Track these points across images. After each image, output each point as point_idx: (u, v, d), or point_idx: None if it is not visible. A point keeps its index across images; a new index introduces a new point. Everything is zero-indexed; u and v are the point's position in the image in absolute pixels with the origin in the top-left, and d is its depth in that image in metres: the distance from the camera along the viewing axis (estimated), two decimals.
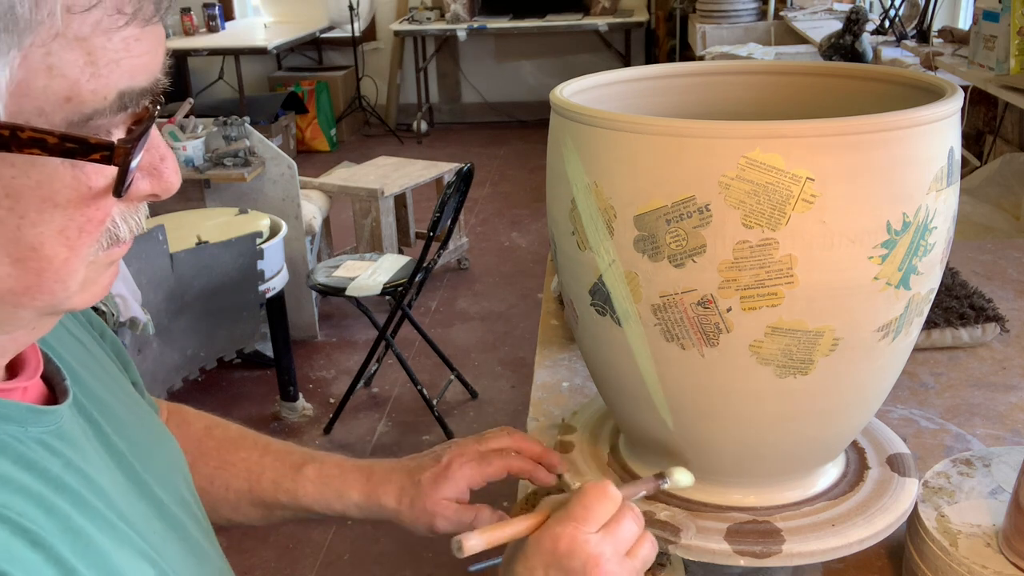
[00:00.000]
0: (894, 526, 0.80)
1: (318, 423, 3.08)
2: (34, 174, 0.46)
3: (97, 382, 0.66)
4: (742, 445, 0.78)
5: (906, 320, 0.74)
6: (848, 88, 0.87)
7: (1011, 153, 2.58)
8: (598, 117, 0.73)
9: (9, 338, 0.53)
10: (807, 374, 0.72)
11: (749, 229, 0.67)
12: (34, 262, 0.48)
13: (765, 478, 0.82)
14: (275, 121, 5.93)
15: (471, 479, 0.85)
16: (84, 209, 0.49)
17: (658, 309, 0.73)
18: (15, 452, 0.51)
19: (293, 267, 3.23)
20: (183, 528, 0.65)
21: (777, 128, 0.66)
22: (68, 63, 0.45)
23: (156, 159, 0.52)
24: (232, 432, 0.89)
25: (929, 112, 0.69)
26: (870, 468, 0.86)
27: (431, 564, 2.43)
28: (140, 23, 0.47)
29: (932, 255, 0.73)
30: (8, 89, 0.44)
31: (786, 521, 0.79)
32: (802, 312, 0.70)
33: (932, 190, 0.70)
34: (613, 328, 0.77)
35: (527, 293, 4.02)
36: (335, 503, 0.85)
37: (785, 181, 0.66)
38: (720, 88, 0.92)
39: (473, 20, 6.58)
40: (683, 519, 0.80)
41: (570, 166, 0.76)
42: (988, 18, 2.36)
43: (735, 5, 5.00)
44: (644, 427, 0.83)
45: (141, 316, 2.23)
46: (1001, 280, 1.50)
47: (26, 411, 0.54)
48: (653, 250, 0.71)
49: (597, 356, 0.83)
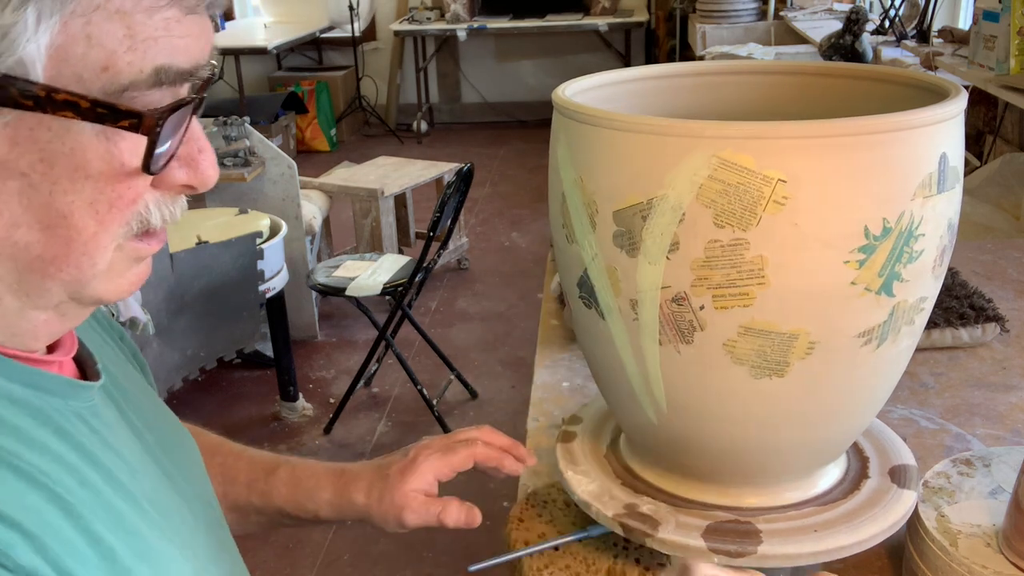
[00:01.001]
0: (879, 537, 0.78)
1: (318, 423, 3.08)
2: (69, 140, 0.48)
3: (124, 378, 0.67)
4: (723, 444, 0.79)
5: (892, 328, 0.73)
6: (848, 88, 0.87)
7: (1011, 153, 2.58)
8: (582, 113, 0.74)
9: (42, 318, 0.54)
10: (783, 376, 0.72)
11: (720, 228, 0.68)
12: (63, 230, 0.50)
13: (752, 479, 0.82)
14: (275, 121, 5.93)
15: (438, 470, 0.86)
16: (115, 184, 0.50)
17: (636, 304, 0.74)
18: (55, 423, 0.52)
19: (293, 267, 3.23)
20: (210, 522, 0.67)
21: (749, 129, 0.66)
22: (107, 33, 0.47)
23: (194, 150, 0.54)
24: (212, 440, 0.90)
25: (913, 117, 0.68)
26: (869, 478, 0.85)
27: (431, 564, 2.43)
28: (182, 9, 0.49)
29: (920, 263, 0.71)
30: (47, 52, 0.46)
31: (769, 523, 0.79)
32: (775, 313, 0.69)
33: (918, 196, 0.69)
34: (599, 321, 0.78)
35: (527, 293, 4.02)
36: (307, 503, 0.86)
37: (756, 182, 0.66)
38: (720, 88, 0.92)
39: (473, 20, 6.58)
40: (665, 513, 0.81)
41: (561, 161, 0.78)
42: (988, 18, 2.36)
43: (735, 5, 5.00)
44: (632, 420, 0.84)
45: (141, 316, 2.24)
46: (1001, 280, 1.50)
47: (66, 384, 0.55)
48: (630, 246, 0.72)
49: (587, 348, 0.85)
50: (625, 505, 0.83)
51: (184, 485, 0.66)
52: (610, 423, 0.95)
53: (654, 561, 0.84)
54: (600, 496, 0.84)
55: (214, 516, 0.70)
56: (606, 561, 0.85)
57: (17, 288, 0.51)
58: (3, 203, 0.48)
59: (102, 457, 0.54)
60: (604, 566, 0.84)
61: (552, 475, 1.00)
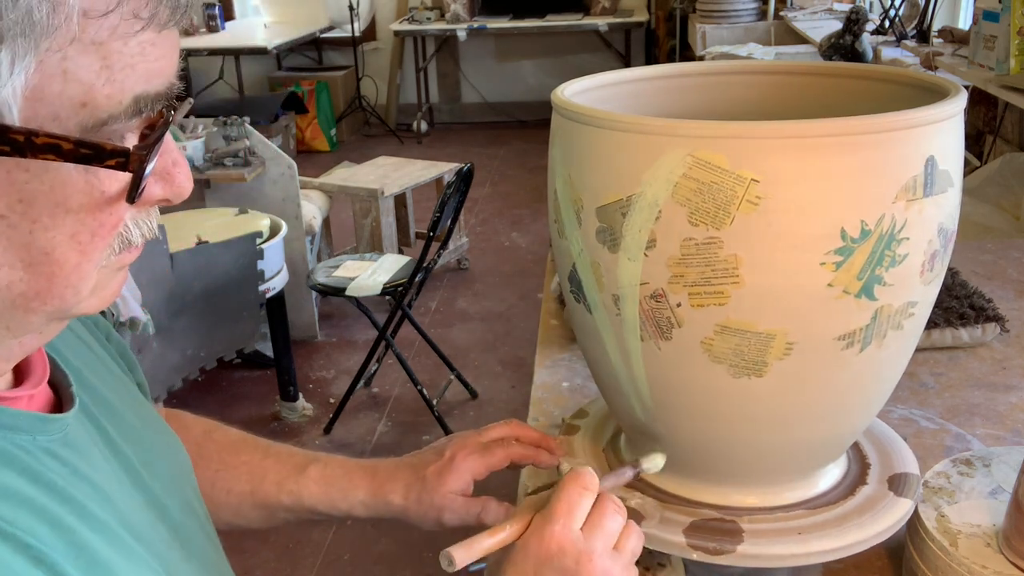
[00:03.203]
0: (865, 544, 0.77)
1: (318, 423, 3.08)
2: (47, 179, 0.46)
3: (104, 386, 0.65)
4: (707, 442, 0.79)
5: (876, 332, 0.72)
6: (848, 88, 0.87)
7: (1011, 153, 2.58)
8: (570, 110, 0.76)
9: (17, 342, 0.53)
10: (762, 376, 0.72)
11: (695, 227, 0.68)
12: (46, 267, 0.48)
13: (740, 478, 0.82)
14: (275, 121, 5.93)
15: (475, 470, 0.85)
16: (97, 214, 0.48)
17: (618, 300, 0.74)
18: (21, 463, 0.50)
19: (293, 267, 3.23)
20: (188, 535, 0.65)
21: (723, 128, 0.67)
22: (84, 68, 0.45)
23: (169, 164, 0.52)
24: (232, 435, 0.89)
25: (894, 119, 0.67)
26: (867, 484, 0.84)
27: (431, 564, 2.43)
28: (156, 28, 0.47)
29: (904, 267, 0.70)
30: (23, 94, 0.44)
31: (753, 524, 0.79)
32: (750, 313, 0.69)
33: (901, 200, 0.68)
34: (587, 315, 0.79)
35: (527, 293, 4.02)
36: (340, 503, 0.85)
37: (729, 181, 0.66)
38: (720, 88, 0.92)
39: (473, 20, 6.58)
40: (651, 508, 0.82)
41: (555, 158, 0.79)
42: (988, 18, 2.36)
43: (735, 5, 5.00)
44: (622, 415, 0.85)
45: (141, 316, 2.23)
46: (1001, 280, 1.50)
47: (34, 420, 0.53)
48: (612, 242, 0.73)
49: (581, 342, 0.87)
50: None
51: (163, 497, 0.64)
52: (613, 419, 0.96)
53: (654, 561, 0.84)
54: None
55: (194, 526, 0.67)
56: None
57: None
58: None
59: (73, 491, 0.52)
60: None
61: (552, 475, 1.00)
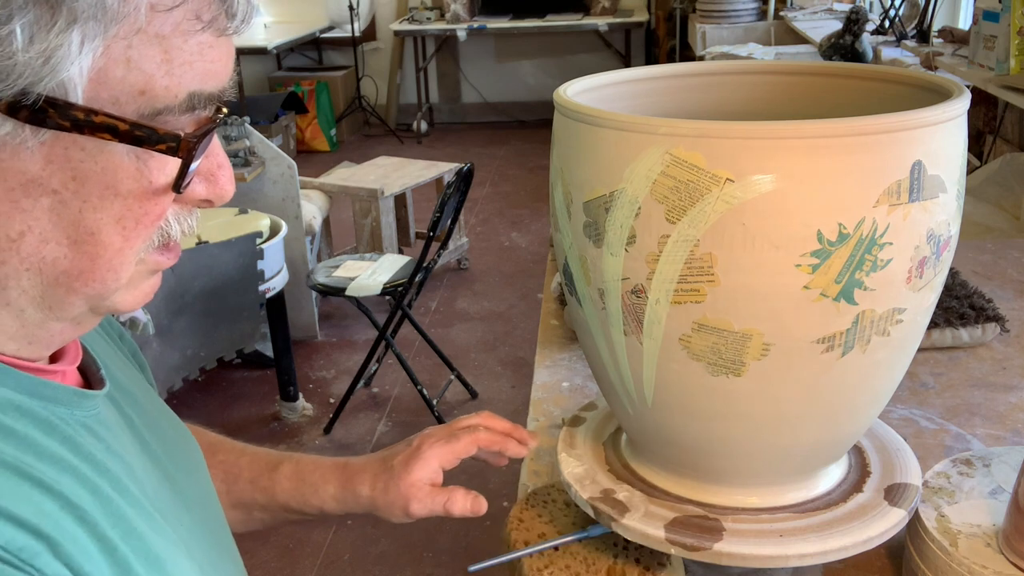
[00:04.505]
0: (851, 550, 0.76)
1: (318, 423, 3.08)
2: (101, 160, 0.49)
3: (126, 379, 0.68)
4: (691, 439, 0.79)
5: (859, 337, 0.71)
6: (848, 88, 0.87)
7: (1011, 153, 2.58)
8: (564, 107, 0.77)
9: (58, 328, 0.55)
10: (740, 375, 0.72)
11: (672, 224, 0.68)
12: (90, 246, 0.51)
13: (726, 477, 0.82)
14: (275, 121, 5.93)
15: (442, 458, 0.86)
16: (144, 202, 0.51)
17: (603, 294, 0.75)
18: (62, 433, 0.53)
19: (293, 267, 3.23)
20: (209, 523, 0.67)
21: (700, 127, 0.67)
22: (146, 58, 0.48)
23: (214, 166, 0.55)
24: (210, 437, 0.90)
25: (877, 122, 0.66)
26: (863, 492, 0.83)
27: (431, 564, 2.43)
28: (215, 32, 0.50)
29: (887, 272, 0.69)
30: (89, 75, 0.47)
31: (737, 523, 0.79)
32: (727, 312, 0.70)
33: (883, 204, 0.67)
34: (578, 309, 0.81)
35: (527, 293, 4.02)
36: (312, 497, 0.86)
37: (705, 180, 0.67)
38: (720, 88, 0.92)
39: (473, 20, 6.58)
40: (638, 502, 0.82)
41: (553, 154, 0.81)
42: (988, 18, 2.37)
43: (735, 5, 5.00)
44: (616, 409, 0.86)
45: (141, 316, 2.24)
46: (1001, 280, 1.50)
47: (71, 394, 0.56)
48: (596, 236, 0.74)
49: (578, 335, 0.88)
50: (603, 490, 0.84)
51: (185, 486, 0.66)
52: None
53: (654, 561, 0.84)
54: (583, 479, 0.86)
55: (214, 516, 0.70)
56: (606, 561, 0.85)
57: (41, 301, 0.52)
58: (34, 219, 0.49)
59: (109, 464, 0.55)
60: (604, 566, 0.84)
61: (552, 475, 1.00)
